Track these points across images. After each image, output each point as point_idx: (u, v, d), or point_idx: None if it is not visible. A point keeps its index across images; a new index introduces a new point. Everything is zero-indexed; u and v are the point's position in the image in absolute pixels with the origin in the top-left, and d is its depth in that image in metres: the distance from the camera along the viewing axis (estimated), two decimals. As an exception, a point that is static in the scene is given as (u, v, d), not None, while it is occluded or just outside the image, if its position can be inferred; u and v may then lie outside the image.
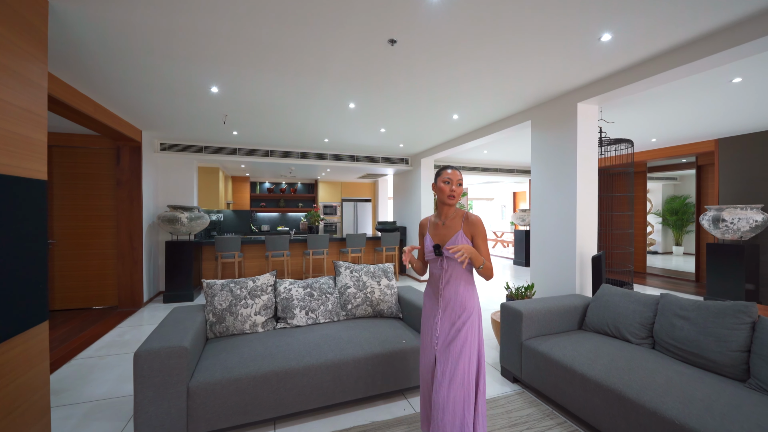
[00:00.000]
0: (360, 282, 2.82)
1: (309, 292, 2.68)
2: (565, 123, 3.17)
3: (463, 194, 7.52)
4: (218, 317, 2.39)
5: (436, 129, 4.59)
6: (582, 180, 3.07)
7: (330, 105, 3.56)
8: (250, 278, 2.61)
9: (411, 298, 2.75)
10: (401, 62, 2.58)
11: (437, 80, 2.94)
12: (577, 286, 3.08)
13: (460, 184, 1.69)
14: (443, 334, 1.61)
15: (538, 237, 3.49)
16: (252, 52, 2.45)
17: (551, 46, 2.34)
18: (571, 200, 3.10)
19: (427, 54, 2.46)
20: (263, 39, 2.26)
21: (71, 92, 2.98)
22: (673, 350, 2.03)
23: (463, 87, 3.10)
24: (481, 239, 1.64)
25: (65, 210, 4.45)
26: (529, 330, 2.46)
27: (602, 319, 2.43)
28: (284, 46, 2.36)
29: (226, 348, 2.18)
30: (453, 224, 1.67)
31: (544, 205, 3.42)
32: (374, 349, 2.23)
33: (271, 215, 9.19)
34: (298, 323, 2.56)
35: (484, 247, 1.63)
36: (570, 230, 3.11)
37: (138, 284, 4.54)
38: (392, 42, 2.22)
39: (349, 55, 2.45)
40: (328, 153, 6.16)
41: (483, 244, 1.63)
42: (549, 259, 3.36)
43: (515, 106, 3.60)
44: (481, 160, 7.34)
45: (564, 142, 3.18)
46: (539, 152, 3.48)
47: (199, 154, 5.41)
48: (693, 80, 2.93)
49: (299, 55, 2.48)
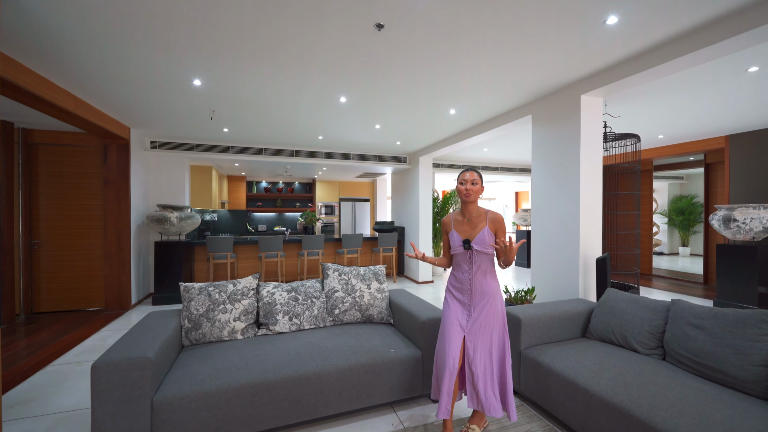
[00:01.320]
0: (349, 285, 2.66)
1: (293, 297, 2.52)
2: (568, 117, 2.99)
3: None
4: (194, 323, 2.23)
5: (433, 125, 4.42)
6: (586, 177, 2.89)
7: (319, 99, 3.40)
8: (231, 281, 2.45)
9: (403, 303, 2.58)
10: (390, 50, 2.41)
11: (431, 71, 2.77)
12: (581, 290, 2.89)
13: (474, 183, 1.88)
14: (475, 317, 1.84)
15: (539, 238, 3.31)
16: (230, 41, 2.30)
17: (553, 33, 2.17)
18: (573, 199, 2.92)
19: (417, 41, 2.29)
20: (240, 26, 2.11)
21: (47, 85, 2.84)
22: (686, 363, 1.84)
23: (460, 79, 2.93)
24: (503, 234, 1.86)
25: (52, 210, 4.32)
26: (528, 338, 2.28)
27: (607, 327, 2.24)
28: (263, 34, 2.21)
29: (200, 357, 2.03)
30: (478, 222, 1.89)
31: (545, 205, 3.24)
32: (360, 358, 2.06)
33: (268, 215, 9.04)
34: (281, 330, 2.40)
35: None
36: (573, 231, 2.93)
37: (126, 286, 4.41)
38: (379, 27, 2.05)
39: (333, 41, 2.29)
40: (323, 151, 6.00)
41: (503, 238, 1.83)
42: (550, 262, 3.17)
43: (515, 99, 3.42)
44: (481, 159, 7.16)
45: (566, 137, 3.00)
46: (540, 149, 3.30)
47: (191, 152, 5.27)
48: (704, 69, 2.74)
49: (279, 43, 2.32)
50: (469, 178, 1.88)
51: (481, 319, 1.83)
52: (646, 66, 2.38)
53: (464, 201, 1.91)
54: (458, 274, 1.93)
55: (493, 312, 1.84)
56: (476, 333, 1.82)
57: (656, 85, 3.05)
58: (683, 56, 2.17)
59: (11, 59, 2.47)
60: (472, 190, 1.87)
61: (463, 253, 1.89)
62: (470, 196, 1.87)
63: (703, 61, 2.22)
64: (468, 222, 1.92)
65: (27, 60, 2.53)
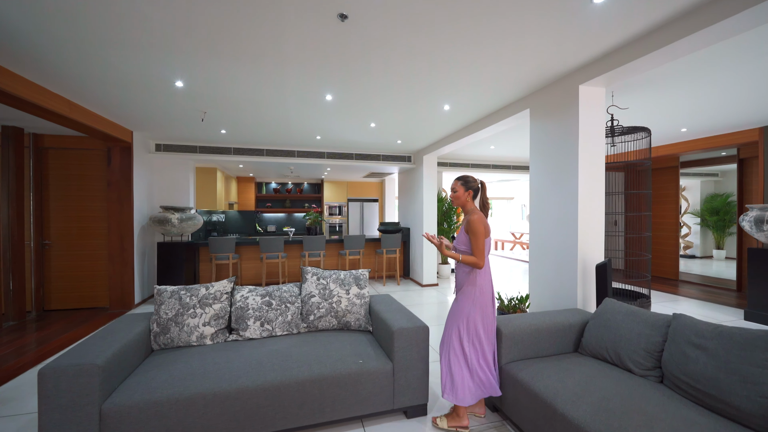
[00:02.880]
0: (326, 290, 2.55)
1: (267, 301, 2.44)
2: (566, 110, 2.75)
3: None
4: (162, 327, 2.20)
5: (429, 123, 4.24)
6: (585, 175, 2.64)
7: (304, 97, 3.32)
8: (204, 285, 2.41)
9: (380, 310, 2.44)
10: (359, 42, 2.28)
11: (411, 65, 2.62)
12: (579, 298, 2.65)
13: (454, 190, 2.14)
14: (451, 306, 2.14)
15: (535, 241, 3.08)
16: (198, 39, 2.25)
17: (535, 17, 1.97)
18: (571, 199, 2.68)
19: (392, 33, 2.15)
20: (203, 22, 2.05)
21: (39, 91, 2.91)
22: (684, 388, 1.61)
23: (446, 73, 2.75)
24: (471, 235, 1.99)
25: (61, 211, 4.50)
26: (511, 352, 2.09)
27: (601, 342, 2.02)
28: (233, 31, 2.14)
29: (162, 363, 1.98)
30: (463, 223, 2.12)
31: (541, 205, 3.01)
32: (324, 369, 1.95)
33: (278, 216, 9.13)
34: (251, 336, 2.33)
35: (474, 242, 1.99)
36: (570, 233, 2.69)
37: (129, 285, 4.52)
38: (342, 17, 1.93)
39: (300, 34, 2.19)
40: (325, 151, 5.95)
41: (473, 239, 1.99)
42: (547, 267, 2.94)
43: (511, 93, 3.20)
44: (490, 157, 6.87)
45: (564, 132, 2.76)
46: (538, 144, 3.07)
47: (194, 154, 5.35)
48: (731, 49, 2.43)
49: (251, 39, 2.25)
50: (452, 186, 2.16)
51: (452, 310, 2.11)
52: (647, 49, 2.12)
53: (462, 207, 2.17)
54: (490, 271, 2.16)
55: (457, 305, 2.07)
56: (447, 322, 2.12)
57: (670, 71, 2.74)
58: (688, 36, 1.91)
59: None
60: (451, 197, 2.17)
61: None
62: (453, 203, 2.35)
63: (725, 38, 1.93)
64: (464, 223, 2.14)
65: (10, 64, 2.58)
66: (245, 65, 2.63)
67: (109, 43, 2.30)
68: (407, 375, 2.09)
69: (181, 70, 2.71)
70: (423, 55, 2.45)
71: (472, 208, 2.10)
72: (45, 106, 2.98)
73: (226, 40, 2.26)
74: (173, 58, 2.52)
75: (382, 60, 2.53)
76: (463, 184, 2.10)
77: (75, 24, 2.06)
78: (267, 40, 2.25)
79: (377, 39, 2.22)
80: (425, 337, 2.14)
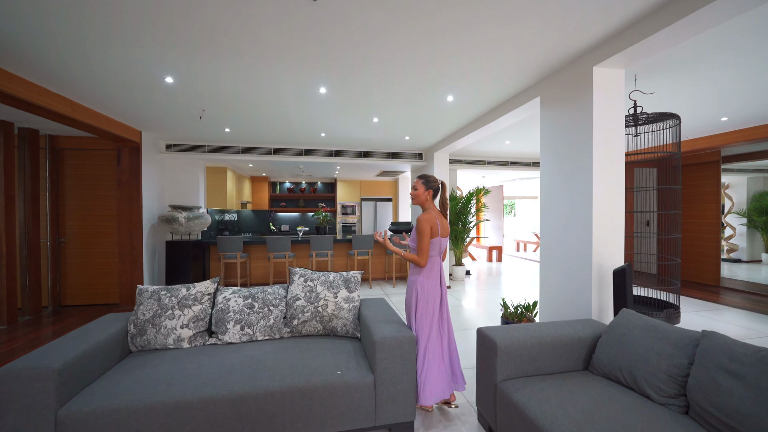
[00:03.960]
0: (313, 293, 2.40)
1: (249, 304, 2.32)
2: (578, 95, 2.45)
3: (486, 191, 6.77)
4: (139, 329, 2.13)
5: (434, 116, 4.01)
6: (600, 169, 2.33)
7: (297, 91, 3.18)
8: (185, 285, 2.32)
9: (368, 315, 2.26)
10: (335, 24, 2.10)
11: (394, 48, 2.42)
12: (594, 308, 2.35)
13: (414, 188, 2.22)
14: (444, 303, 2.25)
15: (546, 243, 2.79)
16: (175, 31, 2.16)
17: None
18: (585, 196, 2.38)
19: (361, 11, 1.96)
20: (178, 13, 1.95)
21: (38, 91, 2.95)
22: (714, 424, 1.31)
23: (446, 61, 2.53)
24: (417, 234, 2.12)
25: (76, 210, 4.64)
26: (507, 368, 1.84)
27: (614, 360, 1.73)
28: (212, 21, 2.04)
29: (133, 366, 1.90)
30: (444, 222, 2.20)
31: (552, 203, 2.71)
32: (297, 380, 1.80)
33: (292, 215, 9.15)
34: (230, 340, 2.22)
35: (418, 241, 2.11)
36: (584, 235, 2.39)
37: (137, 282, 4.59)
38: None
39: (271, 19, 2.04)
40: (333, 149, 5.83)
41: (417, 238, 2.12)
42: (558, 272, 2.64)
43: (519, 80, 2.93)
44: (507, 153, 6.51)
45: (576, 121, 2.46)
46: (548, 136, 2.78)
47: (203, 153, 5.39)
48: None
49: (231, 30, 2.14)
50: (413, 185, 2.25)
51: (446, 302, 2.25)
52: (670, 19, 1.81)
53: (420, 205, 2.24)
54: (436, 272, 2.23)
55: (407, 298, 2.23)
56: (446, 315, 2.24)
57: (704, 47, 2.38)
58: None
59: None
60: (411, 195, 2.25)
61: None
62: (412, 201, 2.27)
63: (751, 6, 1.61)
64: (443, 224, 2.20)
65: (10, 65, 2.62)
66: (227, 58, 2.53)
67: (103, 41, 2.26)
68: (391, 389, 1.90)
69: (165, 64, 2.66)
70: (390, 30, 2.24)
71: (429, 207, 2.19)
72: (47, 107, 3.02)
73: (205, 31, 2.17)
74: (162, 54, 2.46)
75: (347, 39, 2.35)
76: (424, 183, 2.18)
77: (72, 22, 2.03)
78: (243, 28, 2.13)
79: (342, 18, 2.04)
80: (411, 349, 1.94)
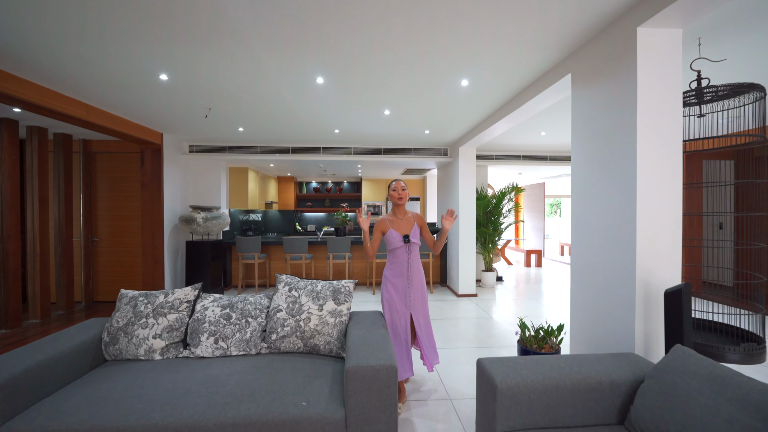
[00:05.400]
0: (296, 305, 2.16)
1: (226, 314, 2.13)
2: (618, 68, 1.94)
3: (519, 189, 6.14)
4: (112, 337, 2.02)
5: (452, 106, 3.59)
6: (647, 160, 1.82)
7: (293, 81, 2.94)
8: (164, 291, 2.19)
9: (353, 334, 1.96)
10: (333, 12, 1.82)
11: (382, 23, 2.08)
12: (639, 338, 1.83)
13: (404, 189, 2.35)
14: (416, 297, 2.34)
15: (578, 253, 2.29)
16: (153, 23, 2.02)
17: None
18: (626, 193, 1.87)
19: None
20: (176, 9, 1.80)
21: (51, 95, 3.03)
22: None
23: (451, 36, 2.15)
24: (426, 228, 2.43)
25: (106, 211, 4.88)
26: (510, 417, 1.44)
27: (659, 419, 1.26)
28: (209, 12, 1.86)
29: (93, 380, 1.78)
30: (408, 220, 2.38)
31: (585, 203, 2.21)
32: (254, 410, 1.54)
33: (318, 215, 9.11)
34: (203, 353, 2.03)
35: (430, 233, 2.48)
36: (625, 243, 1.88)
37: (159, 282, 4.71)
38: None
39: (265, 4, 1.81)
40: (351, 147, 5.60)
41: (428, 231, 2.44)
42: (592, 289, 2.14)
43: (545, 55, 2.44)
44: (544, 146, 5.83)
45: (615, 100, 1.95)
46: (580, 121, 2.28)
47: (224, 154, 5.43)
48: None
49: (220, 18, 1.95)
50: (401, 186, 2.35)
51: (419, 295, 2.36)
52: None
53: (397, 204, 2.36)
54: (397, 263, 2.35)
55: (424, 287, 2.40)
56: (417, 308, 2.35)
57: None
58: None
59: (5, 71, 2.66)
60: (404, 195, 2.34)
61: (403, 246, 2.33)
62: (403, 200, 2.35)
63: None
64: (401, 221, 2.38)
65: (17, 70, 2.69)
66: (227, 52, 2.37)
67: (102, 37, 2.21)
68: (365, 429, 1.58)
69: (157, 60, 2.56)
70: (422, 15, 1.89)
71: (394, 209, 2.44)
72: (61, 111, 3.10)
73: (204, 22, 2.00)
74: (144, 47, 2.36)
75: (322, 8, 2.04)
76: None
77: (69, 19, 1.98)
78: (212, 12, 1.93)
79: None
80: (392, 381, 1.60)
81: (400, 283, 2.33)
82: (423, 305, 2.38)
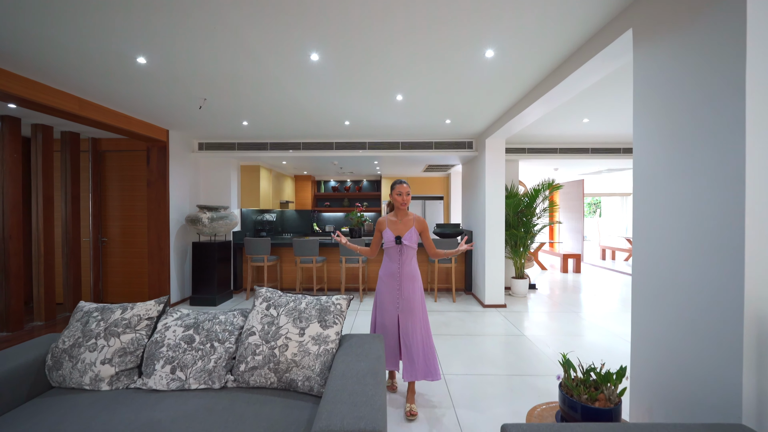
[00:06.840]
0: (272, 327, 1.75)
1: (189, 336, 1.75)
2: (711, 9, 1.34)
3: (556, 186, 5.42)
4: (56, 360, 1.70)
5: (475, 86, 3.04)
6: (759, 135, 1.22)
7: (283, 59, 2.52)
8: (122, 305, 1.86)
9: (337, 369, 1.51)
10: None
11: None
12: (748, 397, 1.24)
13: (408, 194, 2.40)
14: (406, 298, 2.34)
15: (642, 267, 1.70)
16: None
17: None
18: (725, 192, 1.28)
19: None
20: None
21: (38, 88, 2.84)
22: None
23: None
24: (426, 233, 2.45)
25: (115, 210, 4.78)
26: None
27: None
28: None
29: (20, 415, 1.46)
30: (407, 222, 2.40)
31: (654, 203, 1.62)
32: (188, 483, 1.13)
33: (337, 215, 8.77)
34: (156, 385, 1.66)
35: (430, 239, 2.47)
36: (725, 260, 1.29)
37: (165, 285, 4.52)
38: None
39: None
40: (366, 141, 5.17)
41: (428, 237, 2.46)
42: (668, 317, 1.55)
43: (596, 5, 1.86)
44: (586, 136, 5.09)
45: (706, 56, 1.36)
46: (648, 90, 1.68)
47: (233, 151, 5.19)
48: None
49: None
50: (405, 190, 2.38)
51: (410, 299, 2.34)
52: None
53: (399, 208, 2.40)
54: (390, 263, 2.38)
55: (419, 292, 2.38)
56: (407, 312, 2.33)
57: None
58: None
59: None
60: (407, 200, 2.39)
61: (395, 246, 2.35)
62: (406, 205, 2.40)
63: None
64: (399, 222, 2.39)
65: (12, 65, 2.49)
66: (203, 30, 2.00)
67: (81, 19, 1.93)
68: None
69: (134, 41, 2.25)
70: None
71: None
72: (50, 104, 2.91)
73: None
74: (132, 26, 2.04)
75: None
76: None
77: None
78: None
79: None
80: (376, 452, 1.13)
81: (391, 282, 2.36)
82: (416, 311, 2.32)
